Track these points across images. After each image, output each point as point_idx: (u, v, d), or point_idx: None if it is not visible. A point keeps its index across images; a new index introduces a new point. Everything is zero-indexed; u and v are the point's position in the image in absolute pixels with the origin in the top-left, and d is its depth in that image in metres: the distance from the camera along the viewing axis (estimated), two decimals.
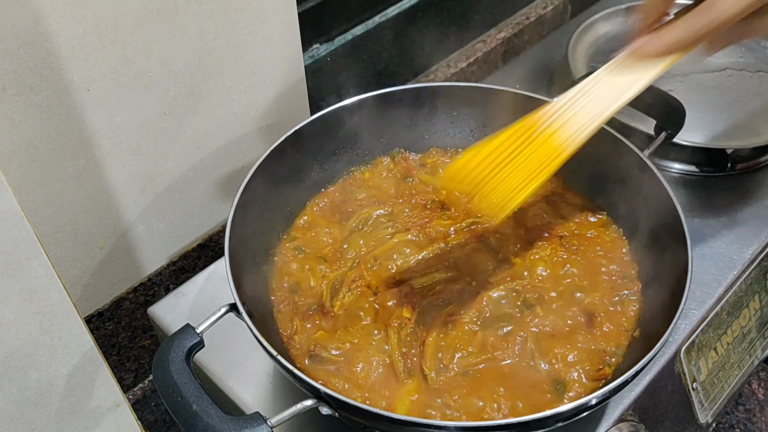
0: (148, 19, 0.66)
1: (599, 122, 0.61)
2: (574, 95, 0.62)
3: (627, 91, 0.61)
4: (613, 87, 0.61)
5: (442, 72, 1.13)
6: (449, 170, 0.63)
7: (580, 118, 0.61)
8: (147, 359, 0.89)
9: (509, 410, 0.60)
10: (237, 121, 0.81)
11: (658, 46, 0.60)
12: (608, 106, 0.61)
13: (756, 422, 1.02)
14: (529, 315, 0.66)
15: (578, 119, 0.61)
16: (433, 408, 0.60)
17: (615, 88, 0.61)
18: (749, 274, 0.81)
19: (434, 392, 0.61)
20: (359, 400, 0.60)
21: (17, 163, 0.63)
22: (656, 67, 0.60)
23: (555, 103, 0.63)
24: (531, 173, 0.61)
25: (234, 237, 0.64)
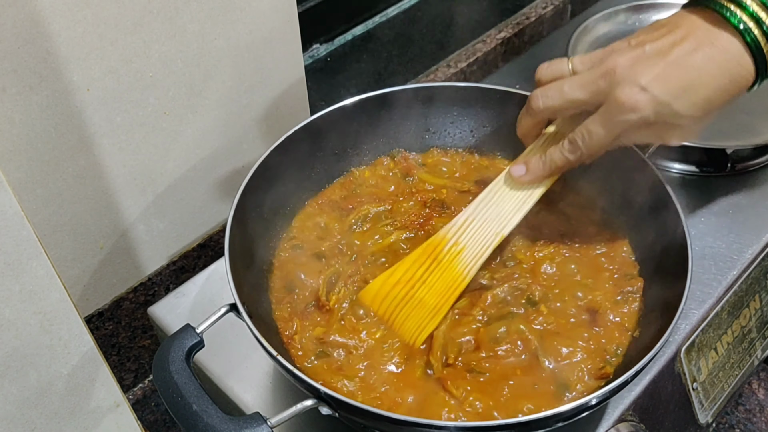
0: (148, 18, 0.66)
1: (495, 244, 0.66)
2: (474, 211, 0.67)
3: (517, 211, 0.67)
4: (505, 205, 0.67)
5: (442, 72, 1.13)
6: (366, 293, 0.66)
7: (477, 241, 0.66)
8: (147, 359, 0.89)
9: (513, 410, 0.60)
10: (237, 120, 0.81)
11: (532, 179, 0.66)
12: (499, 230, 0.66)
13: (756, 422, 1.02)
14: (533, 313, 0.66)
15: (475, 242, 0.66)
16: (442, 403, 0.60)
17: (506, 207, 0.67)
18: (749, 273, 0.81)
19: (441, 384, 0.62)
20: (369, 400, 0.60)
21: (17, 162, 0.63)
22: (542, 187, 0.67)
23: (457, 220, 0.67)
24: (441, 298, 0.65)
25: (234, 237, 0.64)
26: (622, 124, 0.58)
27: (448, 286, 0.65)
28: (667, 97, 0.57)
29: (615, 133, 0.59)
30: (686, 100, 0.57)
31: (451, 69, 1.13)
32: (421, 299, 0.65)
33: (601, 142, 0.60)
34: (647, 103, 0.57)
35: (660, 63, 0.57)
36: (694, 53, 0.57)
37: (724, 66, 0.57)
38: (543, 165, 0.65)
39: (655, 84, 0.57)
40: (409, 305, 0.65)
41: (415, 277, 0.66)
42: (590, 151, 0.62)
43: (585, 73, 0.61)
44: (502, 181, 0.68)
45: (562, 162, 0.64)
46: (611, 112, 0.58)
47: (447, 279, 0.66)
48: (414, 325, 0.64)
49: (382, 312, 0.65)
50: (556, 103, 0.62)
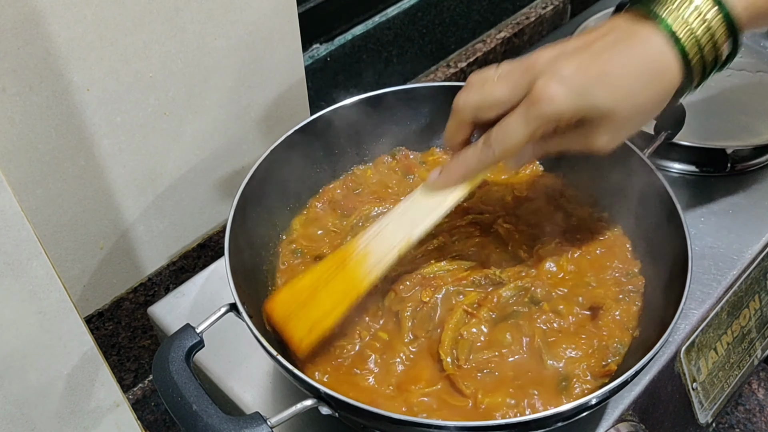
0: (148, 19, 0.66)
1: (402, 248, 0.63)
2: (387, 220, 0.65)
3: (429, 215, 0.63)
4: (419, 211, 0.64)
5: (442, 72, 1.13)
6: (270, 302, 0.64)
7: (383, 246, 0.64)
8: (147, 359, 0.89)
9: (515, 408, 0.60)
10: (237, 121, 0.81)
11: (446, 180, 0.62)
12: (407, 234, 0.63)
13: (756, 422, 1.02)
14: (536, 311, 0.66)
15: (382, 246, 0.64)
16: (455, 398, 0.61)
17: (420, 213, 0.64)
18: (749, 274, 0.81)
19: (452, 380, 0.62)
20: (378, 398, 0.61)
21: (17, 162, 0.63)
22: (457, 192, 0.63)
23: (370, 229, 0.65)
24: (337, 300, 0.63)
25: (234, 237, 0.64)
26: (539, 117, 0.55)
27: (345, 290, 0.63)
28: (586, 87, 0.54)
29: (531, 128, 0.55)
30: (604, 89, 0.54)
31: (451, 69, 1.13)
32: (318, 302, 0.63)
33: (517, 139, 0.56)
34: (565, 93, 0.54)
35: (581, 55, 0.55)
36: (614, 45, 0.55)
37: (644, 56, 0.55)
38: (456, 167, 0.62)
39: (573, 76, 0.54)
40: (305, 309, 0.63)
41: (319, 282, 0.64)
42: (505, 149, 0.57)
43: (508, 72, 0.58)
44: (420, 189, 0.65)
45: (474, 162, 0.60)
46: (528, 104, 0.55)
47: (346, 282, 0.64)
48: (302, 328, 0.62)
49: (279, 318, 0.63)
50: (476, 99, 0.59)
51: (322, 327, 0.62)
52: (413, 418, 0.55)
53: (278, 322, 0.62)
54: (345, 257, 0.64)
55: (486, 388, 0.61)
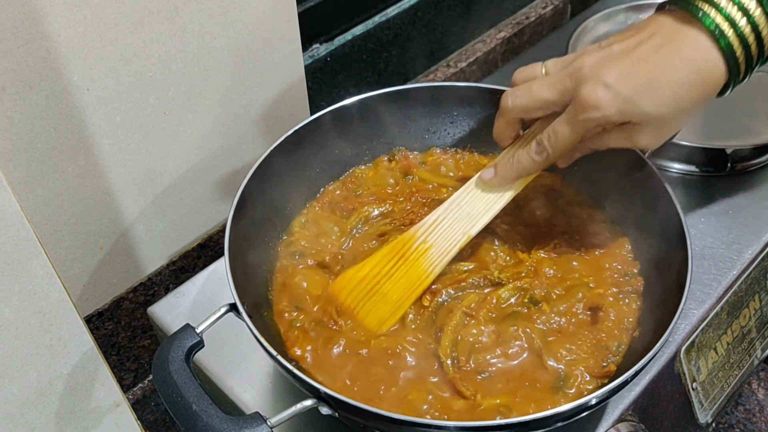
0: (148, 18, 0.66)
1: (461, 244, 0.67)
2: (444, 211, 0.68)
3: (486, 212, 0.67)
4: (474, 206, 0.67)
5: (441, 72, 1.13)
6: (334, 286, 0.68)
7: (445, 240, 0.67)
8: (147, 359, 0.89)
9: (515, 408, 0.60)
10: (237, 121, 0.81)
11: (501, 181, 0.66)
12: (466, 230, 0.67)
13: (756, 422, 1.02)
14: (536, 312, 0.66)
15: (443, 241, 0.67)
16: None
17: (476, 208, 0.67)
18: (749, 274, 0.82)
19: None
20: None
21: (17, 162, 0.63)
22: (512, 190, 0.67)
23: (427, 219, 0.68)
24: (404, 293, 0.66)
25: (234, 237, 0.64)
26: (586, 122, 0.58)
27: (412, 283, 0.66)
28: (631, 94, 0.56)
29: (579, 132, 0.59)
30: (651, 97, 0.56)
31: (450, 69, 1.13)
32: (385, 294, 0.66)
33: (567, 142, 0.60)
34: (610, 100, 0.56)
35: (625, 61, 0.56)
36: (659, 49, 0.56)
37: (690, 61, 0.55)
38: (510, 167, 0.65)
39: (618, 81, 0.56)
40: (374, 299, 0.66)
41: (381, 272, 0.67)
42: (556, 152, 0.61)
43: (554, 73, 0.61)
44: (474, 183, 0.68)
45: (529, 164, 0.64)
46: (575, 110, 0.58)
47: (412, 276, 0.67)
48: (376, 318, 0.65)
49: (348, 304, 0.66)
50: (525, 102, 0.62)
51: (392, 320, 0.65)
52: (413, 418, 0.55)
53: (346, 310, 0.66)
54: (404, 248, 0.67)
55: (486, 390, 0.61)
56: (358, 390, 0.62)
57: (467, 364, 0.63)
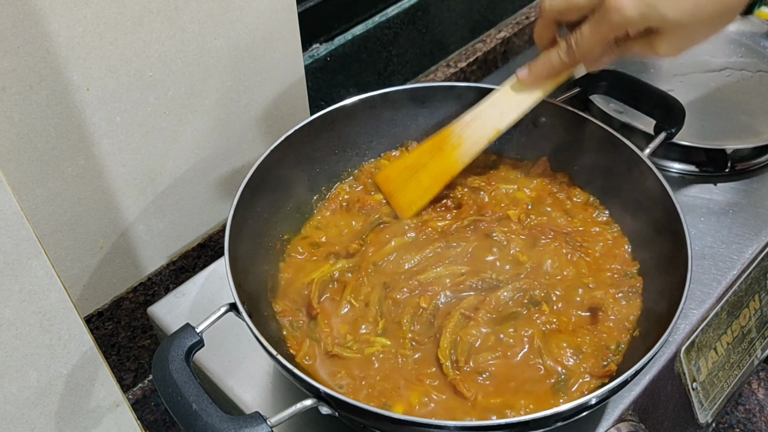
0: (147, 18, 0.66)
1: (489, 139, 0.73)
2: (480, 110, 0.73)
3: (516, 108, 0.72)
4: (506, 105, 0.72)
5: (441, 72, 1.13)
6: (380, 175, 0.78)
7: (476, 134, 0.73)
8: (147, 359, 0.89)
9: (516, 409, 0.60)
10: (236, 120, 0.81)
11: (534, 78, 0.70)
12: (497, 125, 0.73)
13: (756, 422, 1.02)
14: (535, 312, 0.66)
15: (475, 135, 0.73)
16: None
17: (508, 106, 0.72)
18: (749, 273, 0.81)
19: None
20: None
21: (17, 162, 0.63)
22: (542, 89, 0.71)
23: (464, 116, 0.74)
24: (434, 179, 0.75)
25: (234, 236, 0.64)
26: (609, 25, 0.60)
27: (443, 170, 0.74)
28: (653, 0, 0.58)
29: (603, 34, 0.62)
30: (672, 3, 0.58)
31: (450, 69, 1.13)
32: (420, 180, 0.74)
33: (592, 43, 0.63)
34: (633, 5, 0.58)
35: None
36: None
37: None
38: (543, 66, 0.69)
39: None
40: (409, 185, 0.75)
41: (420, 162, 0.75)
42: (582, 51, 0.65)
43: None
44: (509, 84, 0.72)
45: (558, 63, 0.67)
46: (601, 13, 0.61)
47: (443, 164, 0.74)
48: (408, 200, 0.75)
49: (388, 189, 0.76)
50: (560, 4, 0.65)
51: (420, 202, 0.75)
52: (413, 418, 0.55)
53: (387, 193, 0.77)
54: (442, 143, 0.74)
55: (486, 390, 0.61)
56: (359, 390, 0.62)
57: (467, 365, 0.63)
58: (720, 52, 1.02)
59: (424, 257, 0.70)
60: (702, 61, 1.01)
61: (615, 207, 0.74)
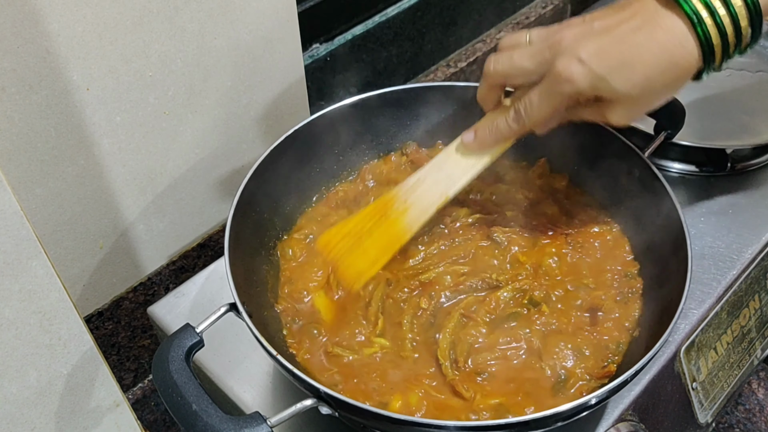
0: (147, 18, 0.66)
1: (439, 205, 0.68)
2: (425, 173, 0.69)
3: (464, 175, 0.68)
4: (454, 169, 0.68)
5: (441, 71, 1.13)
6: (320, 241, 0.70)
7: (423, 201, 0.68)
8: (147, 359, 0.89)
9: (515, 409, 0.60)
10: (236, 120, 0.81)
11: (480, 145, 0.67)
12: (445, 191, 0.68)
13: (756, 422, 1.02)
14: (535, 313, 0.66)
15: (422, 202, 0.68)
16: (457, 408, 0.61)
17: (455, 171, 0.68)
18: (749, 273, 0.81)
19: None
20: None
21: (17, 162, 0.63)
22: (490, 155, 0.68)
23: (409, 180, 0.69)
24: (382, 250, 0.68)
25: (234, 236, 0.64)
26: (559, 95, 0.59)
27: (390, 241, 0.68)
28: (603, 71, 0.56)
29: (553, 104, 0.60)
30: (623, 76, 0.57)
31: (450, 69, 1.13)
32: (366, 249, 0.68)
33: (542, 112, 0.61)
34: (583, 75, 0.57)
35: (603, 38, 0.57)
36: (637, 31, 0.56)
37: (665, 46, 0.56)
38: (489, 132, 0.66)
39: (593, 58, 0.57)
40: (354, 255, 0.67)
41: (363, 229, 0.68)
42: (532, 121, 0.62)
43: (536, 43, 0.62)
44: (454, 147, 0.69)
45: (506, 130, 0.65)
46: (550, 82, 0.59)
47: (390, 234, 0.68)
48: (355, 271, 0.67)
49: (331, 257, 0.68)
50: (505, 69, 0.63)
51: (368, 274, 0.67)
52: (413, 418, 0.55)
53: (329, 261, 0.69)
54: (386, 208, 0.69)
55: (485, 391, 0.61)
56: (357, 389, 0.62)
57: (465, 365, 0.63)
58: None
59: (429, 254, 0.71)
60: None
61: (615, 207, 0.74)
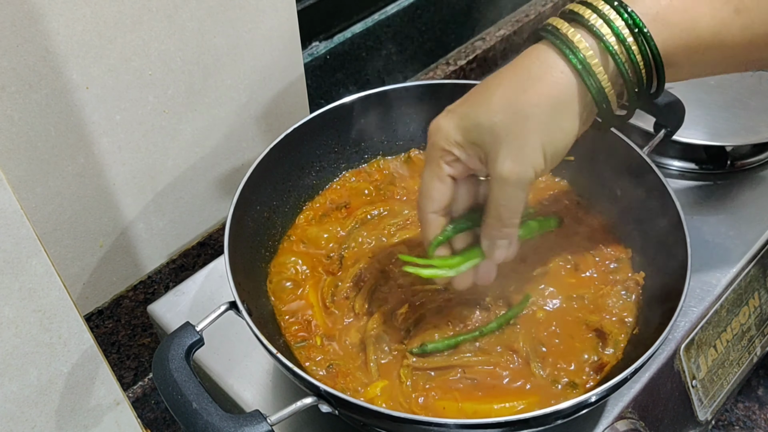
0: (147, 17, 0.66)
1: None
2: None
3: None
4: None
5: (441, 70, 1.13)
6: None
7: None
8: (147, 357, 0.89)
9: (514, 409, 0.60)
10: (236, 119, 0.81)
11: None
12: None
13: (755, 419, 1.02)
14: (534, 313, 0.66)
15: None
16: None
17: None
18: (749, 271, 0.82)
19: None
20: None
21: (17, 161, 0.63)
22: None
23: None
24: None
25: (233, 235, 0.64)
26: (433, 149, 0.55)
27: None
28: (467, 110, 0.54)
29: (434, 164, 0.55)
30: (482, 106, 0.53)
31: (450, 67, 1.13)
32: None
33: (428, 181, 0.56)
34: (447, 119, 0.54)
35: (473, 90, 0.55)
36: (501, 71, 0.54)
37: (524, 64, 0.53)
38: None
39: (459, 105, 0.55)
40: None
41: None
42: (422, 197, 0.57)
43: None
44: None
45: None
46: (427, 146, 0.56)
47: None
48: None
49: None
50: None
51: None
52: (413, 416, 0.55)
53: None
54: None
55: (484, 392, 0.61)
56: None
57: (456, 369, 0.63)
58: None
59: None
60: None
61: (614, 206, 0.74)
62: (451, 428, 0.53)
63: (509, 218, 0.56)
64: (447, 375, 0.62)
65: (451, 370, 0.62)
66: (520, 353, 0.63)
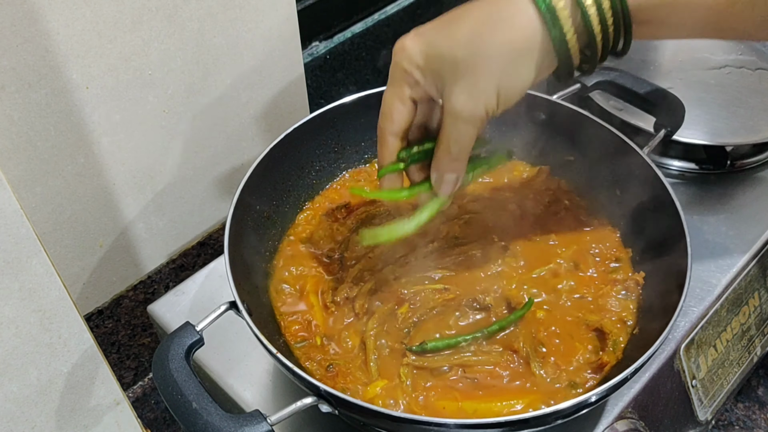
0: (147, 16, 0.66)
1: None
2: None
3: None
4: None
5: None
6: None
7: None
8: (147, 357, 0.89)
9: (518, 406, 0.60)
10: (236, 119, 0.81)
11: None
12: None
13: (755, 419, 1.02)
14: (533, 312, 0.66)
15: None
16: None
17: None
18: (749, 271, 0.82)
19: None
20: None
21: (16, 161, 0.63)
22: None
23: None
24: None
25: (234, 235, 0.64)
26: (396, 69, 0.56)
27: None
28: (430, 33, 0.55)
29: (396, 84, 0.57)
30: (448, 34, 0.54)
31: None
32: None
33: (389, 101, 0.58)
34: (413, 41, 0.55)
35: (441, 18, 0.56)
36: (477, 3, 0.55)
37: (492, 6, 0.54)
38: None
39: (426, 31, 0.56)
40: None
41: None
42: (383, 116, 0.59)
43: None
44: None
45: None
46: (392, 64, 0.57)
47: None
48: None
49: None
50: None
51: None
52: (413, 416, 0.55)
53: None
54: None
55: (484, 392, 0.61)
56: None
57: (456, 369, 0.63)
58: (720, 50, 1.02)
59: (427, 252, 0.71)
60: (702, 58, 1.01)
61: (614, 206, 0.74)
62: (451, 428, 0.53)
63: (458, 152, 0.57)
64: (447, 374, 0.62)
65: (451, 370, 0.62)
66: (520, 353, 0.63)
